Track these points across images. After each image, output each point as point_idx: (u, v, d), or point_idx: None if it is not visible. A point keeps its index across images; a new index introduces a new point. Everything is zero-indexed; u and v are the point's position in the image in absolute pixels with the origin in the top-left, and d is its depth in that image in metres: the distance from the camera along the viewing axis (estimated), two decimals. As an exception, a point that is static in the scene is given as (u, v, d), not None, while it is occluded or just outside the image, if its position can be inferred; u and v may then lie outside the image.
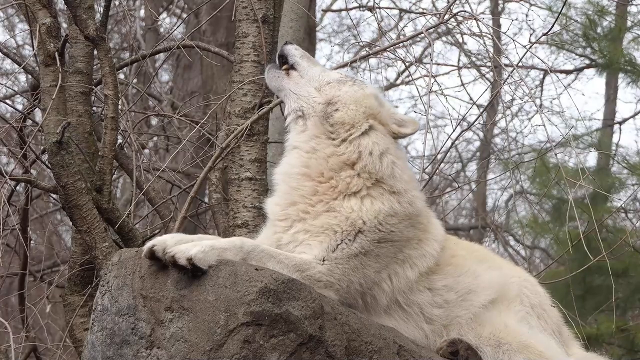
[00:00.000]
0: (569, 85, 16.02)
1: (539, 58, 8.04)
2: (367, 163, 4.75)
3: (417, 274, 4.77)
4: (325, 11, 17.10)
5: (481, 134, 18.01)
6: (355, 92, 4.89)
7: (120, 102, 6.68)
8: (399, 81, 17.43)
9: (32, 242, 9.58)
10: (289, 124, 4.94)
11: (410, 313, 4.76)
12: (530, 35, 15.13)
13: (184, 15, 15.70)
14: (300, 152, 4.82)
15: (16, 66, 9.27)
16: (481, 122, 14.79)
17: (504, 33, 8.51)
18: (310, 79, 4.95)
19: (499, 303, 4.91)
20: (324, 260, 4.57)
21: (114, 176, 7.90)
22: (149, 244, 4.39)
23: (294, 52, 5.03)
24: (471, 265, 4.95)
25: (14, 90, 11.96)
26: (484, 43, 7.33)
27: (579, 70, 15.67)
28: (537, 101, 13.66)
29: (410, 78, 15.88)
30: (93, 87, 7.16)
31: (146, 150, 12.25)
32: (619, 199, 11.48)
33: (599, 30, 12.28)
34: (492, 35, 6.84)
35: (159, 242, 4.37)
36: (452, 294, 4.85)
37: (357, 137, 4.79)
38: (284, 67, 5.04)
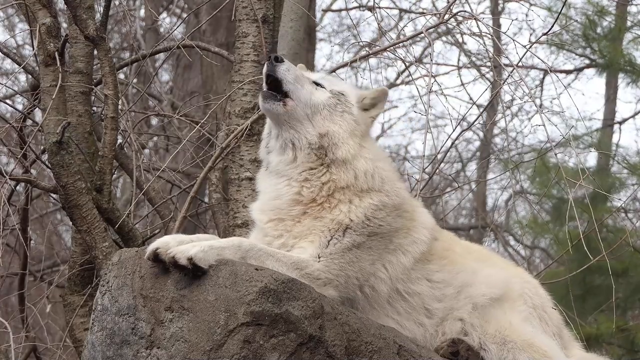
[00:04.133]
0: (569, 85, 16.04)
1: (539, 58, 8.04)
2: (362, 182, 4.80)
3: (411, 259, 4.81)
4: (325, 11, 17.11)
5: (481, 134, 18.02)
6: (348, 125, 4.87)
7: (120, 102, 6.69)
8: (399, 81, 17.44)
9: (32, 242, 9.57)
10: (274, 147, 4.89)
11: (413, 305, 4.79)
12: (530, 35, 15.16)
13: (184, 15, 15.70)
14: (290, 181, 4.82)
15: (16, 66, 9.26)
16: (481, 122, 14.80)
17: (504, 33, 8.50)
18: (304, 105, 4.85)
19: (504, 301, 4.93)
20: (319, 257, 4.60)
21: (114, 176, 7.90)
22: (151, 246, 4.39)
23: (287, 75, 4.84)
24: (469, 264, 4.97)
25: (14, 90, 11.95)
26: (484, 43, 7.33)
27: (579, 70, 15.67)
28: (537, 101, 13.68)
29: (410, 78, 15.88)
30: (93, 87, 7.16)
31: (146, 150, 12.26)
32: (619, 199, 11.48)
33: (599, 30, 12.29)
34: (492, 35, 6.84)
35: (162, 244, 4.38)
36: (450, 289, 4.88)
37: (355, 164, 4.84)
38: (269, 90, 4.85)
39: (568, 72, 15.77)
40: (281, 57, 4.90)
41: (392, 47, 6.87)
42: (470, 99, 12.82)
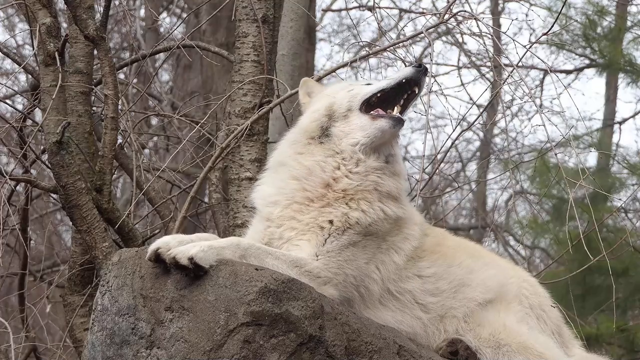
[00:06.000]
0: (569, 85, 16.03)
1: (539, 58, 8.03)
2: (395, 192, 4.85)
3: (404, 257, 4.82)
4: (325, 11, 17.09)
5: (481, 134, 18.03)
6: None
7: (120, 102, 6.68)
8: (399, 81, 17.37)
9: (32, 242, 9.57)
10: (351, 132, 4.84)
11: (404, 302, 4.79)
12: (530, 35, 15.18)
13: (184, 15, 15.70)
14: (342, 166, 4.81)
15: (16, 66, 9.25)
16: (481, 122, 14.80)
17: (504, 33, 8.49)
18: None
19: (498, 303, 4.92)
20: (317, 256, 4.61)
21: (114, 176, 7.88)
22: (152, 247, 4.39)
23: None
24: (464, 259, 4.97)
25: (14, 90, 11.96)
26: (484, 43, 7.32)
27: (579, 70, 15.68)
28: (537, 101, 13.67)
29: (410, 78, 15.85)
30: (93, 87, 7.15)
31: (146, 150, 12.25)
32: (619, 199, 11.47)
33: (599, 30, 12.29)
34: (492, 35, 6.84)
35: (163, 244, 4.38)
36: (443, 282, 4.87)
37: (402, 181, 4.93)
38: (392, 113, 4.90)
39: (568, 72, 15.79)
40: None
41: (392, 47, 6.86)
42: (470, 99, 12.83)
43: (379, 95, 4.90)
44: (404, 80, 4.90)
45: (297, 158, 4.84)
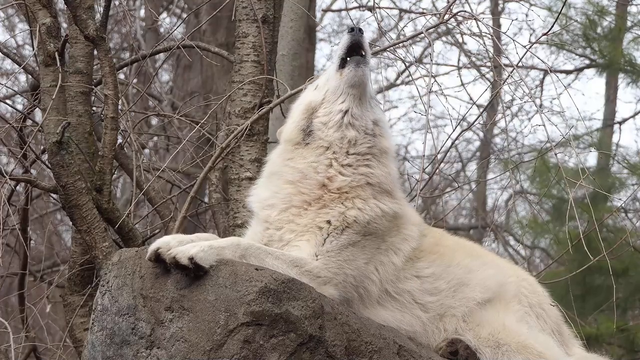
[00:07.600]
0: (569, 85, 16.03)
1: (539, 58, 8.04)
2: (386, 183, 4.87)
3: (402, 258, 4.84)
4: (325, 11, 17.09)
5: (481, 134, 18.03)
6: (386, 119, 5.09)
7: (120, 102, 6.68)
8: (399, 81, 17.47)
9: (32, 242, 9.56)
10: (331, 120, 4.88)
11: (403, 302, 4.80)
12: (530, 35, 15.17)
13: (184, 15, 15.71)
14: (334, 161, 4.83)
15: (16, 66, 9.25)
16: (481, 122, 14.79)
17: (504, 33, 8.50)
18: (371, 85, 5.08)
19: (497, 303, 4.93)
20: (316, 256, 4.62)
21: (114, 176, 7.88)
22: (153, 247, 4.40)
23: (369, 50, 5.03)
24: (462, 259, 4.99)
25: (14, 90, 11.95)
26: (484, 43, 7.32)
27: (579, 70, 15.68)
28: (537, 101, 13.66)
29: (410, 78, 15.91)
30: (93, 87, 7.15)
31: (146, 150, 12.25)
32: (619, 199, 11.47)
33: (599, 30, 12.29)
34: (492, 35, 6.84)
35: (163, 244, 4.38)
36: (442, 282, 4.88)
37: (389, 162, 4.94)
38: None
39: (568, 72, 15.79)
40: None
41: (392, 47, 6.87)
42: (470, 99, 12.83)
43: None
44: (348, 46, 4.98)
45: (288, 164, 4.89)
